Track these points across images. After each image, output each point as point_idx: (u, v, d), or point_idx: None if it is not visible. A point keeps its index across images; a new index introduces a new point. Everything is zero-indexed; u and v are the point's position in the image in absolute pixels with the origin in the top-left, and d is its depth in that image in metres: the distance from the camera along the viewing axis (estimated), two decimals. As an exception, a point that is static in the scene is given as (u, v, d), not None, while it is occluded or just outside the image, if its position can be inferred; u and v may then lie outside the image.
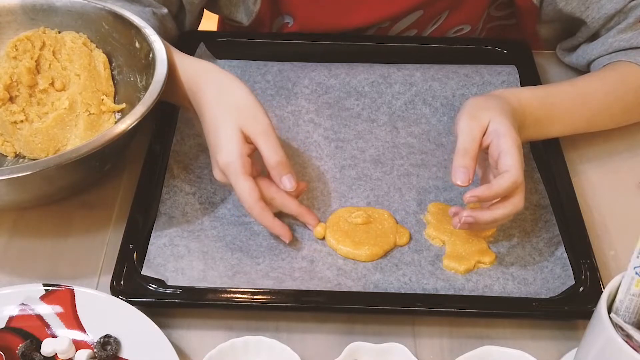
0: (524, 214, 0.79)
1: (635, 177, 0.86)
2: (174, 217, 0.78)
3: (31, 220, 0.80)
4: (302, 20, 0.99)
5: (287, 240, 0.75)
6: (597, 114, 0.85)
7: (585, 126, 0.86)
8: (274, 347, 0.67)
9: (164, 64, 0.78)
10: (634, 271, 0.57)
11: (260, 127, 0.74)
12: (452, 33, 1.02)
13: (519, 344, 0.68)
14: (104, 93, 0.85)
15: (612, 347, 0.57)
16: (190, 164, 0.84)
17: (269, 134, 0.74)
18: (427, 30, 1.02)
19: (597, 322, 0.59)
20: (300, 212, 0.77)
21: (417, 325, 0.71)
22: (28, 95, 0.84)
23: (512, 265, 0.74)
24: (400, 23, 1.00)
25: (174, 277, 0.71)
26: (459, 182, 0.71)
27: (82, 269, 0.76)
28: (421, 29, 1.02)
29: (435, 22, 1.00)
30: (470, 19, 1.01)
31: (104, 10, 0.85)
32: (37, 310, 0.69)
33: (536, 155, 0.85)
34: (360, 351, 0.66)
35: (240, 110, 0.75)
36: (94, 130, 0.83)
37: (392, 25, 1.01)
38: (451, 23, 1.00)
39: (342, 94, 0.93)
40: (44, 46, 0.85)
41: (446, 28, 1.01)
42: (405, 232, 0.77)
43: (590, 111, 0.85)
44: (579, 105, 0.84)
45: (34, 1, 0.87)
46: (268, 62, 0.96)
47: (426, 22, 1.00)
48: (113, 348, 0.67)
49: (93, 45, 0.87)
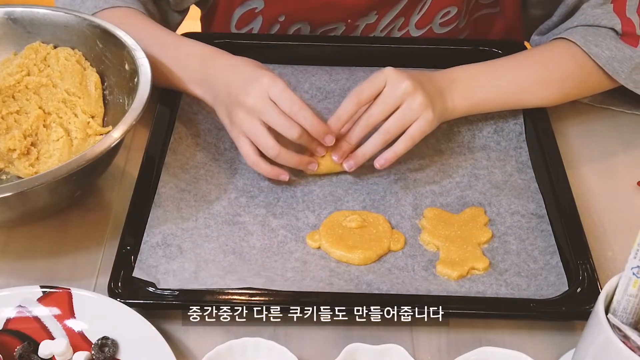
0: (520, 221, 0.79)
1: (632, 178, 0.86)
2: (168, 211, 0.78)
3: (28, 222, 0.80)
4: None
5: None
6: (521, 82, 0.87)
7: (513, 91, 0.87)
8: (272, 348, 0.67)
9: (146, 91, 0.77)
10: (631, 272, 0.57)
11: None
12: (440, 18, 1.01)
13: (517, 344, 0.68)
14: (92, 114, 0.84)
15: (609, 347, 0.57)
16: (186, 163, 0.84)
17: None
18: (414, 17, 1.01)
19: (594, 323, 0.60)
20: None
21: (415, 327, 0.71)
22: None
23: (506, 271, 0.74)
24: (387, 15, 1.00)
25: (165, 280, 0.71)
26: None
27: (79, 270, 0.76)
28: (408, 16, 1.01)
29: (421, 8, 1.00)
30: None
31: (98, 29, 0.85)
32: (34, 313, 0.69)
33: (534, 156, 0.86)
34: (358, 352, 0.66)
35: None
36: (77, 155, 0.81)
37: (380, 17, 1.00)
38: (438, 6, 1.00)
39: (342, 99, 0.93)
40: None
41: (433, 12, 1.00)
42: (400, 237, 0.77)
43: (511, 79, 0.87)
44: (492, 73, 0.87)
45: (31, 14, 0.87)
46: (268, 65, 0.96)
47: (412, 6, 1.00)
48: (111, 350, 0.67)
49: (87, 64, 0.86)
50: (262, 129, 0.78)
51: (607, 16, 0.86)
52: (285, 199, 0.81)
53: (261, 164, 0.80)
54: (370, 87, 0.80)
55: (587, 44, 0.86)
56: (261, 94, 0.78)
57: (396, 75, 0.79)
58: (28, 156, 0.81)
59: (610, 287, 0.60)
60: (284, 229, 0.78)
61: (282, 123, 0.78)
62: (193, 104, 0.90)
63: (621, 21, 0.86)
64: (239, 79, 0.80)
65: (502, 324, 0.71)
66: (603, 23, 0.87)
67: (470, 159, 0.87)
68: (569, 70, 0.87)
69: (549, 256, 0.75)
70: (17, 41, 0.87)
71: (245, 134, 0.79)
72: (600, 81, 0.88)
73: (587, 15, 0.88)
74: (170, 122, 0.87)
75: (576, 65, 0.87)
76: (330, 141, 0.79)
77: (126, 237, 0.75)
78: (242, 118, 0.79)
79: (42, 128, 0.82)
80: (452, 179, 0.84)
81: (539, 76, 0.87)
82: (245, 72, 0.81)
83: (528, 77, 0.87)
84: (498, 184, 0.84)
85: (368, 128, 0.80)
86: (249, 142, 0.80)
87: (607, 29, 0.87)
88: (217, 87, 0.82)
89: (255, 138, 0.79)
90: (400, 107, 0.79)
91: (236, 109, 0.79)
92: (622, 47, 0.86)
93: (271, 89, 0.77)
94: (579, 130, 0.92)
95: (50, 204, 0.76)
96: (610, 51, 0.86)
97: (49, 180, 0.69)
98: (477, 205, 0.81)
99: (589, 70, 0.87)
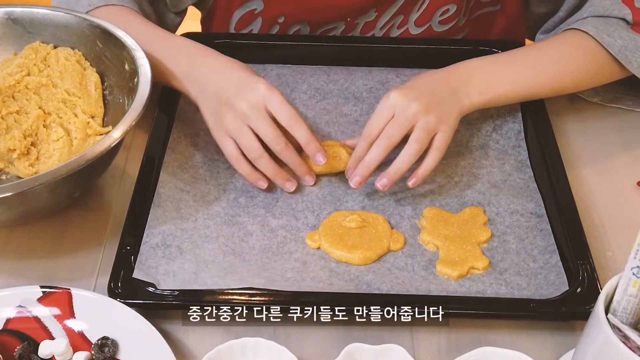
0: (519, 220, 0.79)
1: (632, 177, 0.86)
2: (167, 211, 0.78)
3: (28, 222, 0.80)
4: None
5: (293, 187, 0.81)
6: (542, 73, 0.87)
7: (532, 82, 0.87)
8: (272, 348, 0.67)
9: (146, 91, 0.77)
10: (631, 272, 0.57)
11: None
12: (439, 16, 1.01)
13: (517, 345, 0.68)
14: (92, 114, 0.84)
15: (609, 348, 0.57)
16: (185, 163, 0.84)
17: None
18: (413, 15, 1.01)
19: (594, 323, 0.60)
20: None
21: (415, 327, 0.71)
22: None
23: (506, 271, 0.74)
24: (386, 12, 1.00)
25: (165, 280, 0.71)
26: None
27: (79, 270, 0.76)
28: (407, 13, 1.01)
29: (420, 6, 1.00)
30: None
31: (98, 29, 0.85)
32: (34, 313, 0.69)
33: (534, 156, 0.86)
34: (358, 352, 0.66)
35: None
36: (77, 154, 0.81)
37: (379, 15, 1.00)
38: (437, 4, 1.00)
39: (341, 99, 0.93)
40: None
41: (432, 10, 1.00)
42: (400, 237, 0.77)
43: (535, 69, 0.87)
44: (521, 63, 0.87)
45: (31, 14, 0.87)
46: (267, 65, 0.96)
47: (411, 4, 0.99)
48: (111, 350, 0.67)
49: (87, 64, 0.86)
50: (248, 131, 0.79)
51: (616, 7, 0.87)
52: (284, 200, 0.81)
53: (243, 164, 0.81)
54: (379, 121, 0.79)
55: (600, 33, 0.86)
56: (256, 102, 0.78)
57: (402, 100, 0.78)
58: (28, 156, 0.81)
59: (610, 287, 0.60)
60: (284, 229, 0.78)
61: (270, 132, 0.78)
62: (193, 105, 0.90)
63: (631, 11, 0.86)
64: (232, 82, 0.81)
65: (502, 324, 0.71)
66: (614, 14, 0.87)
67: (469, 158, 0.87)
68: (581, 60, 0.87)
69: (548, 255, 0.75)
70: (17, 41, 0.87)
71: (231, 134, 0.80)
72: (613, 71, 0.88)
73: (596, 6, 0.88)
74: (170, 122, 0.87)
75: (589, 55, 0.87)
76: (320, 160, 0.80)
77: (126, 237, 0.75)
78: (231, 120, 0.79)
79: (42, 128, 0.82)
80: (451, 179, 0.84)
81: (552, 68, 0.87)
82: (238, 76, 0.81)
83: (542, 70, 0.87)
84: (497, 183, 0.84)
85: (386, 150, 0.79)
86: (233, 142, 0.80)
87: (618, 19, 0.87)
88: (203, 85, 0.83)
89: (240, 139, 0.79)
90: (415, 128, 0.78)
91: (225, 110, 0.80)
92: (633, 36, 0.86)
93: (269, 100, 0.78)
94: (579, 130, 0.92)
95: (50, 204, 0.76)
96: (623, 40, 0.85)
97: (49, 180, 0.69)
98: (476, 205, 0.81)
99: (602, 61, 0.87)
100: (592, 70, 0.87)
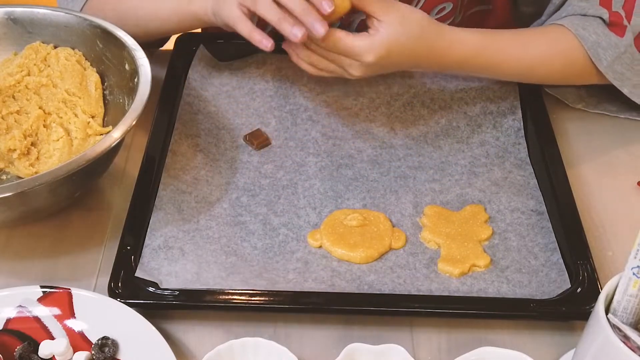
0: (520, 218, 0.79)
1: (632, 177, 0.86)
2: (169, 214, 0.78)
3: (28, 222, 0.80)
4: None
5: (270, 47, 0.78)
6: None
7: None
8: (272, 348, 0.66)
9: (146, 91, 0.77)
10: (631, 272, 0.57)
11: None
12: (435, 14, 1.01)
13: (517, 345, 0.68)
14: (92, 114, 0.84)
15: (609, 348, 0.57)
16: (187, 164, 0.84)
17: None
18: None
19: (594, 323, 0.60)
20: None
21: (415, 327, 0.71)
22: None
23: (507, 268, 0.74)
24: None
25: (167, 280, 0.71)
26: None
27: (79, 270, 0.76)
28: None
29: (416, 4, 0.99)
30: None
31: (98, 29, 0.85)
32: (34, 313, 0.69)
33: (533, 156, 0.86)
34: (358, 353, 0.66)
35: None
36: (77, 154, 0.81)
37: None
38: (433, 2, 0.99)
39: (341, 93, 0.93)
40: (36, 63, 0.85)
41: (429, 8, 0.99)
42: (401, 235, 0.77)
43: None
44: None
45: (31, 14, 0.87)
46: (267, 58, 0.96)
47: (408, 2, 0.99)
48: (111, 350, 0.67)
49: (87, 64, 0.86)
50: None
51: (593, 8, 0.87)
52: (286, 196, 0.81)
53: (244, 22, 0.79)
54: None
55: (575, 26, 0.86)
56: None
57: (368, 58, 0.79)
58: (28, 156, 0.81)
59: (610, 287, 0.60)
60: (285, 227, 0.78)
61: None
62: (193, 104, 0.90)
63: (608, 12, 0.86)
64: None
65: (502, 324, 0.71)
66: (590, 13, 0.87)
67: (469, 156, 0.87)
68: (553, 51, 0.87)
69: (549, 253, 0.75)
70: (17, 41, 0.87)
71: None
72: (584, 68, 0.87)
73: (575, 6, 0.88)
74: (170, 122, 0.87)
75: (562, 42, 0.87)
76: (326, 9, 0.76)
77: (126, 237, 0.75)
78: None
79: (42, 128, 0.82)
80: (452, 177, 0.84)
81: (524, 50, 0.86)
82: None
83: (513, 50, 0.86)
84: (497, 181, 0.84)
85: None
86: (236, 2, 0.79)
87: (595, 17, 0.87)
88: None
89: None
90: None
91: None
92: (608, 34, 0.86)
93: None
94: (579, 130, 0.92)
95: (50, 204, 0.77)
96: (597, 36, 0.86)
97: (49, 180, 0.69)
98: (477, 203, 0.81)
99: (575, 55, 0.87)
100: (563, 62, 0.87)
